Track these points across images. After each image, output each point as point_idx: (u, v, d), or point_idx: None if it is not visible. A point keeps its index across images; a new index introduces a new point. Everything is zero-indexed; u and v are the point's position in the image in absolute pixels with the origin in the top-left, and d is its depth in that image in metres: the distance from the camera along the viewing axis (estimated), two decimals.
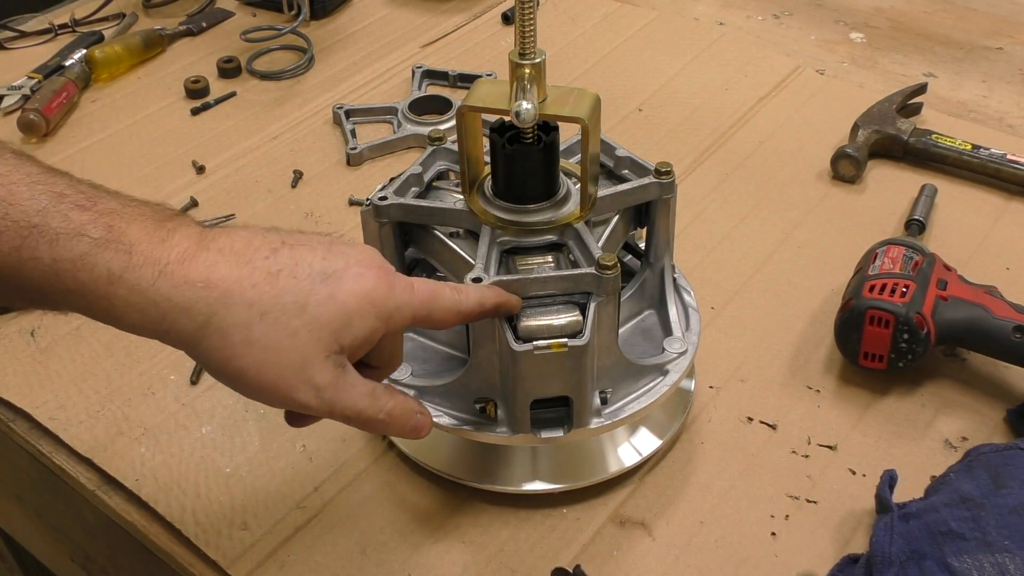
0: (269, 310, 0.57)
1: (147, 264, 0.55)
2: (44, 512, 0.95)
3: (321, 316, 0.58)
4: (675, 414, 0.80)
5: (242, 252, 0.58)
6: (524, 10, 0.65)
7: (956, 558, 0.65)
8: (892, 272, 0.83)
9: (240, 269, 0.57)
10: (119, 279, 0.55)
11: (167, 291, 0.55)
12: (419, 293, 0.63)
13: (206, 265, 0.57)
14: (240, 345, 0.57)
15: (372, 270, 0.61)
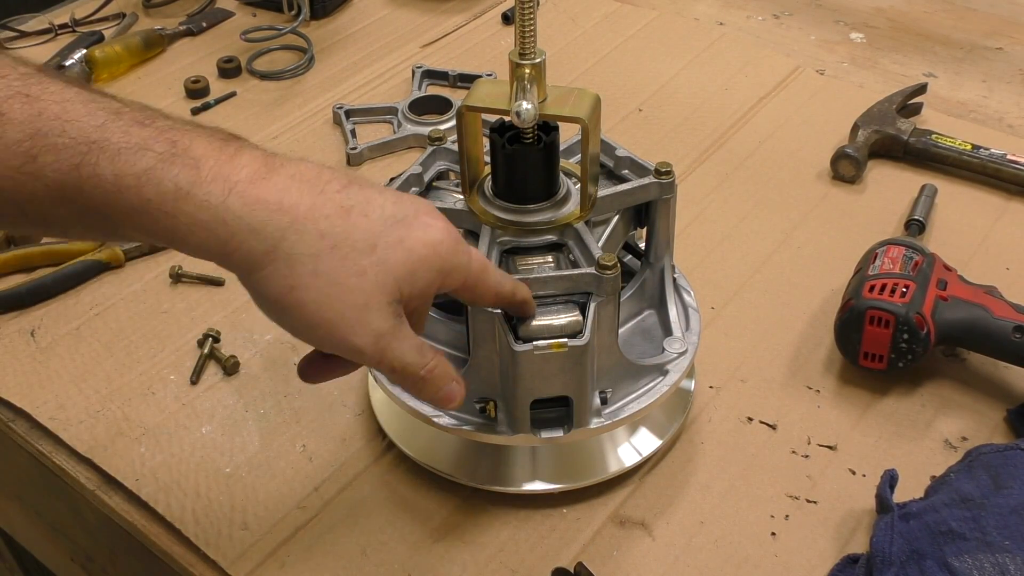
0: (339, 244, 0.55)
1: (216, 180, 0.53)
2: (44, 512, 0.95)
3: (389, 260, 0.57)
4: (675, 414, 0.80)
5: (314, 181, 0.56)
6: (524, 10, 0.65)
7: (956, 558, 0.65)
8: (892, 272, 0.83)
9: (314, 197, 0.55)
10: (187, 195, 0.53)
11: (238, 209, 0.53)
12: (475, 260, 0.62)
13: (278, 188, 0.55)
14: (306, 275, 0.55)
15: (440, 222, 0.60)
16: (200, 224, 0.53)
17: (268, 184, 0.55)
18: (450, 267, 0.60)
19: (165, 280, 0.97)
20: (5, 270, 0.97)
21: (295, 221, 0.55)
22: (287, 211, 0.54)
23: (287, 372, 0.87)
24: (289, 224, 0.54)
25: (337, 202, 0.56)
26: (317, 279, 0.55)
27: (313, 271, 0.55)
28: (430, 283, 0.59)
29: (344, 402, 0.84)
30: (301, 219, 0.55)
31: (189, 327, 0.91)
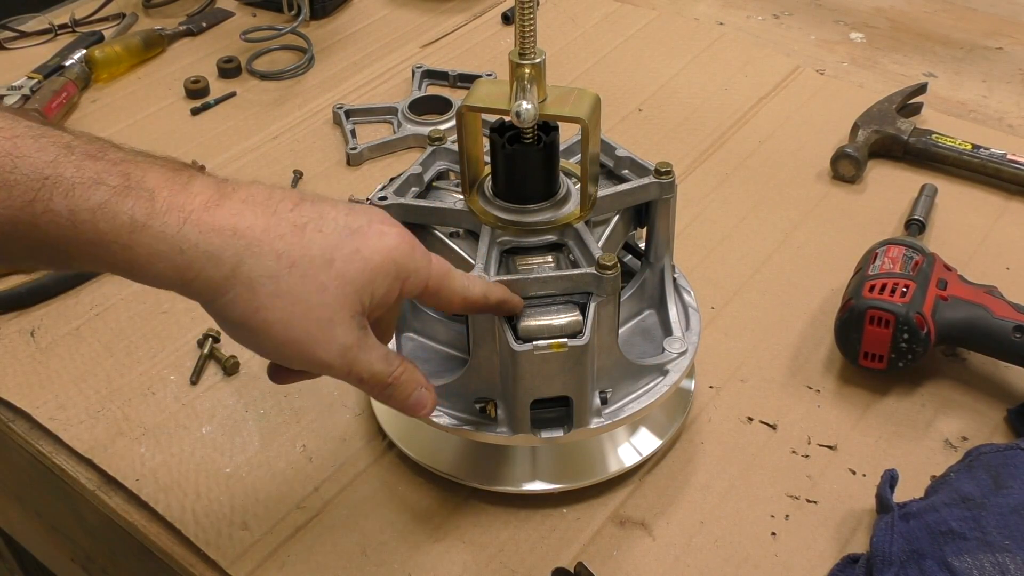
0: (297, 262, 0.56)
1: (171, 210, 0.54)
2: (44, 512, 0.95)
3: (347, 272, 0.57)
4: (675, 414, 0.80)
5: (265, 203, 0.57)
6: (524, 10, 0.65)
7: (956, 558, 0.65)
8: (892, 272, 0.83)
9: (267, 218, 0.56)
10: (143, 227, 0.53)
11: (194, 238, 0.54)
12: (435, 265, 0.62)
13: (232, 213, 0.55)
14: (268, 296, 0.55)
15: (394, 228, 0.60)
16: (157, 255, 0.53)
17: (221, 210, 0.55)
18: (407, 272, 0.60)
19: None
20: (5, 270, 0.97)
21: (251, 244, 0.55)
22: (242, 235, 0.55)
23: None
24: (245, 247, 0.55)
25: (291, 221, 0.57)
26: (279, 299, 0.55)
27: (274, 292, 0.55)
28: (389, 290, 0.59)
29: (344, 402, 0.84)
30: (257, 241, 0.55)
31: (189, 327, 0.91)
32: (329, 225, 0.58)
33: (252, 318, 0.56)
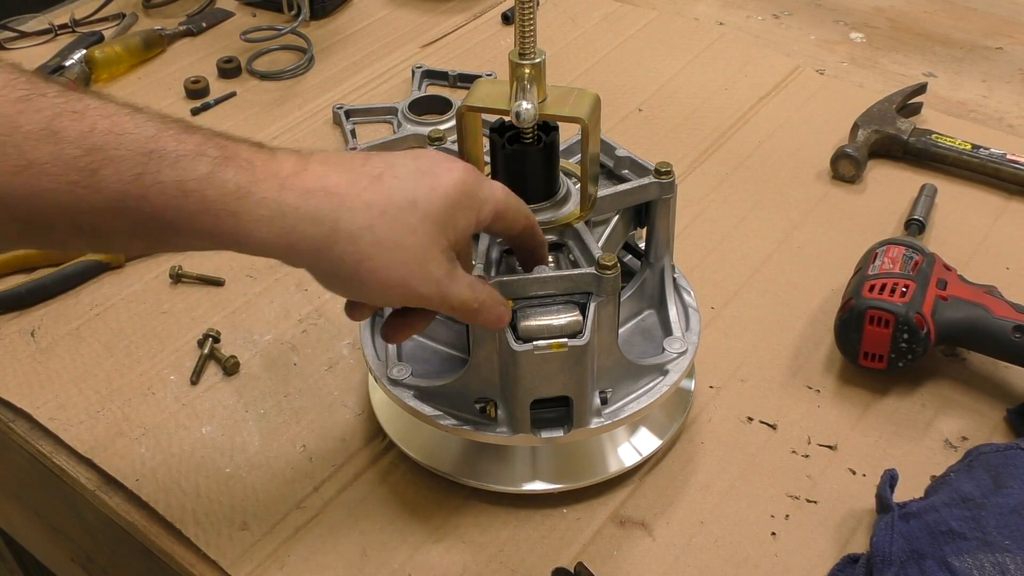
0: (386, 209, 0.59)
1: (268, 178, 0.57)
2: (44, 512, 0.95)
3: (431, 209, 0.60)
4: (675, 414, 0.80)
5: (340, 162, 0.60)
6: (524, 10, 0.65)
7: (956, 558, 0.65)
8: (892, 272, 0.83)
9: (348, 174, 0.59)
10: (247, 194, 0.56)
11: (293, 201, 0.57)
12: (497, 189, 0.65)
13: (318, 175, 0.58)
14: (370, 246, 0.58)
15: (459, 163, 0.64)
16: (262, 220, 0.56)
17: (309, 173, 0.58)
18: (480, 201, 0.64)
19: (165, 280, 0.97)
20: (5, 270, 0.97)
21: (343, 200, 0.58)
22: (333, 192, 0.58)
23: (287, 372, 0.87)
24: (339, 204, 0.58)
25: (367, 173, 0.60)
26: (379, 247, 0.59)
27: (373, 240, 0.59)
28: (468, 222, 0.63)
29: (344, 402, 0.84)
30: (347, 196, 0.58)
31: (189, 327, 0.91)
32: (401, 171, 0.61)
33: (359, 268, 0.59)
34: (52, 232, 0.55)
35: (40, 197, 0.52)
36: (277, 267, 0.98)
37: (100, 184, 0.52)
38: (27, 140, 0.51)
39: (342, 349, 0.89)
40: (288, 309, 0.93)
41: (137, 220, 0.54)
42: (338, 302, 0.93)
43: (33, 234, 0.55)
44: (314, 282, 0.95)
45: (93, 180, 0.52)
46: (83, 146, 0.52)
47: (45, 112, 0.52)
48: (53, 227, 0.54)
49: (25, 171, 0.51)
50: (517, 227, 0.67)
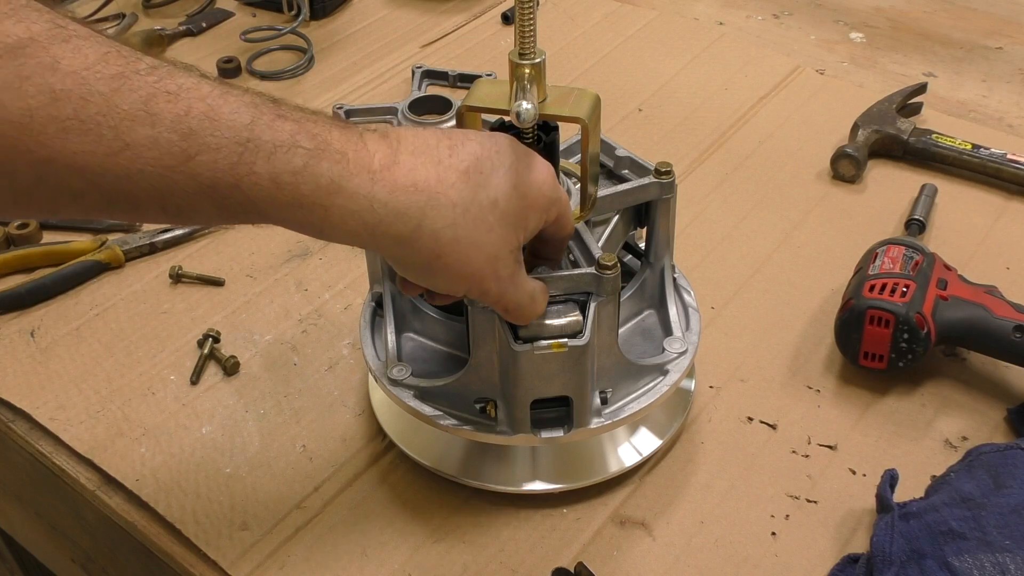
0: (469, 208, 0.60)
1: (360, 172, 0.57)
2: (44, 512, 0.95)
3: (509, 212, 0.62)
4: (675, 414, 0.80)
5: (428, 152, 0.60)
6: (524, 10, 0.65)
7: (957, 557, 0.65)
8: (892, 272, 0.83)
9: (436, 169, 0.60)
10: (339, 188, 0.56)
11: (383, 197, 0.57)
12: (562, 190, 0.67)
13: (408, 169, 0.59)
14: (449, 243, 0.60)
15: (539, 160, 0.65)
16: (351, 214, 0.57)
17: (399, 168, 0.58)
18: (551, 202, 0.65)
19: (165, 280, 0.97)
20: (5, 270, 0.97)
21: (430, 198, 0.59)
22: (421, 189, 0.59)
23: (287, 372, 0.87)
24: (426, 201, 0.59)
25: (455, 168, 0.60)
26: (458, 244, 0.60)
27: (454, 238, 0.60)
28: (538, 223, 0.65)
29: (344, 402, 0.84)
30: (435, 194, 0.59)
31: (189, 327, 0.91)
32: (487, 165, 0.61)
33: (434, 263, 0.60)
34: (136, 210, 0.54)
35: (132, 179, 0.51)
36: (277, 267, 0.98)
37: (194, 170, 0.52)
38: (123, 122, 0.51)
39: (342, 349, 0.89)
40: (288, 309, 0.93)
41: (227, 207, 0.54)
42: (338, 301, 0.93)
43: (116, 210, 0.54)
44: (314, 282, 0.96)
45: (187, 166, 0.52)
46: (179, 130, 0.52)
47: (140, 92, 0.51)
48: (139, 206, 0.54)
49: (121, 153, 0.51)
50: (565, 232, 0.68)
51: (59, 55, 0.49)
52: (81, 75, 0.50)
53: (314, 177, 0.55)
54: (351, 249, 0.99)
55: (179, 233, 1.01)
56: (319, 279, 0.96)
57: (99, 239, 1.00)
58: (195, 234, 1.01)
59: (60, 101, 0.49)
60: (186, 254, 1.00)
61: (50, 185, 0.51)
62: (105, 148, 0.50)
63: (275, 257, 0.99)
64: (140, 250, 0.99)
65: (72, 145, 0.50)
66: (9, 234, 1.00)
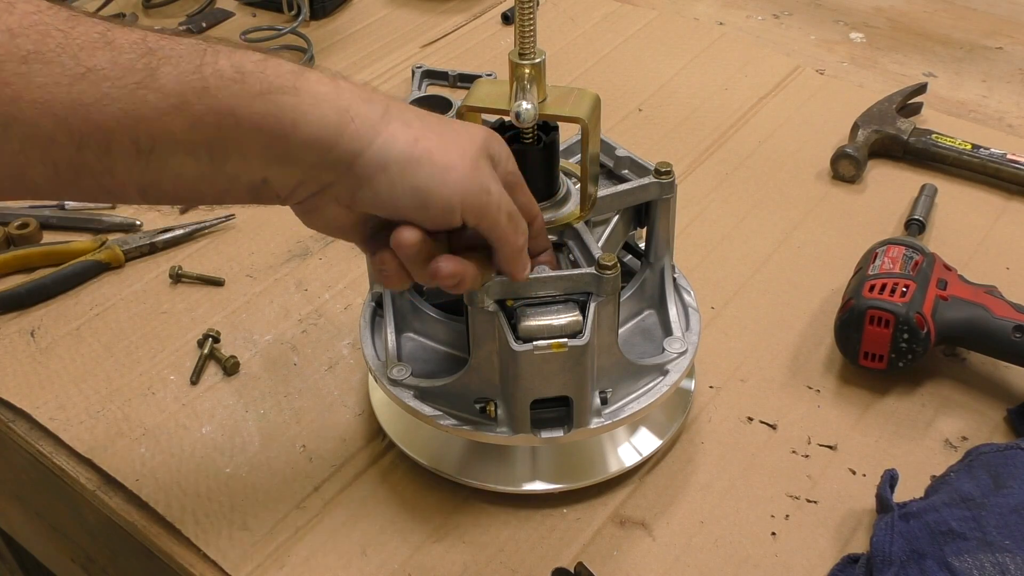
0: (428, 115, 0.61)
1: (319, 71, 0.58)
2: (44, 512, 0.95)
3: (469, 128, 0.63)
4: (675, 414, 0.80)
5: None
6: (524, 10, 0.65)
7: (957, 558, 0.65)
8: (892, 272, 0.83)
9: None
10: (303, 74, 0.57)
11: (346, 83, 0.58)
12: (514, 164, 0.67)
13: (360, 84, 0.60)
14: (422, 128, 0.59)
15: None
16: (321, 97, 0.56)
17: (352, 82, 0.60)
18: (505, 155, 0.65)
19: (165, 280, 0.97)
20: (5, 270, 0.97)
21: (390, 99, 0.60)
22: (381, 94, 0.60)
23: (287, 372, 0.87)
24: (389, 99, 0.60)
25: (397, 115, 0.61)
26: (431, 130, 0.60)
27: (425, 125, 0.60)
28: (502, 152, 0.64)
29: (344, 402, 0.84)
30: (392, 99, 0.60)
31: (189, 327, 0.91)
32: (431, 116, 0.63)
33: (414, 148, 0.58)
34: (109, 153, 0.54)
35: (99, 105, 0.52)
36: (277, 267, 0.98)
37: (159, 83, 0.53)
38: (83, 50, 0.52)
39: (342, 349, 0.89)
40: (288, 309, 0.93)
41: (193, 120, 0.54)
42: (338, 302, 0.93)
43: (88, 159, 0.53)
44: (314, 282, 0.96)
45: (152, 80, 0.53)
46: (137, 51, 0.53)
47: (96, 27, 0.53)
48: (110, 146, 0.53)
49: (84, 78, 0.51)
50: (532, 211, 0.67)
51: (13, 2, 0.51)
52: (37, 16, 0.51)
53: (276, 64, 0.56)
54: (351, 249, 0.99)
55: (179, 233, 1.01)
56: (319, 279, 0.96)
57: (99, 239, 1.00)
58: (195, 234, 1.01)
59: (19, 37, 0.51)
60: (186, 254, 1.00)
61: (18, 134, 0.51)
62: (68, 75, 0.51)
63: (275, 257, 0.99)
64: (140, 250, 0.99)
65: (36, 78, 0.51)
66: (9, 234, 1.00)
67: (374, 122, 0.58)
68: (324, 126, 0.57)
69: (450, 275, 0.63)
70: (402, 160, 0.58)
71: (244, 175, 0.58)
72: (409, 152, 0.58)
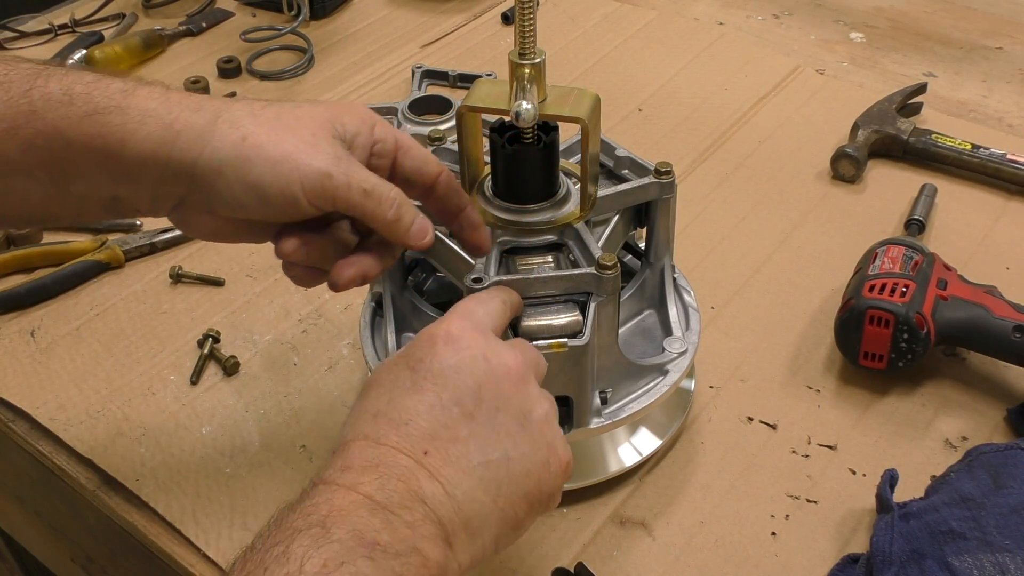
0: (267, 107, 0.61)
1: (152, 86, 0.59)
2: (44, 512, 0.95)
3: (314, 109, 0.62)
4: (675, 414, 0.80)
5: None
6: (524, 10, 0.65)
7: (956, 557, 0.65)
8: (892, 272, 0.83)
9: None
10: (133, 91, 0.58)
11: (176, 97, 0.59)
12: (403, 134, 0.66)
13: None
14: (252, 125, 0.59)
15: None
16: (148, 114, 0.57)
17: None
18: (373, 118, 0.64)
19: (165, 280, 0.97)
20: (5, 270, 0.97)
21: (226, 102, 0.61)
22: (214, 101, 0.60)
23: (287, 372, 0.87)
24: (222, 103, 0.60)
25: None
26: (262, 127, 0.59)
27: (256, 122, 0.59)
28: (359, 127, 0.63)
29: (344, 402, 0.84)
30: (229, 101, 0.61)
31: (189, 327, 0.91)
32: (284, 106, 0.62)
33: (242, 146, 0.58)
34: None
35: None
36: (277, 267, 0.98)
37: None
38: None
39: (342, 349, 0.89)
40: (288, 309, 0.93)
41: (27, 140, 0.55)
42: (338, 301, 0.93)
43: None
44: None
45: None
46: None
47: None
48: None
49: None
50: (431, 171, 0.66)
51: None
52: None
53: (106, 84, 0.57)
54: None
55: (179, 233, 1.01)
56: None
57: (99, 239, 1.00)
58: None
59: None
60: (186, 254, 1.00)
61: None
62: None
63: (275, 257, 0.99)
64: (140, 250, 0.99)
65: None
66: (9, 234, 1.00)
67: (201, 130, 0.58)
68: (153, 141, 0.57)
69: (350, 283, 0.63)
70: (233, 160, 0.58)
71: (92, 194, 0.59)
72: (237, 151, 0.58)
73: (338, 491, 0.51)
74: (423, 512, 0.52)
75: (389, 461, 0.53)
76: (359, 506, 0.51)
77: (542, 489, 0.59)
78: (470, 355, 0.58)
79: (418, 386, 0.57)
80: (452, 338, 0.59)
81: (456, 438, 0.56)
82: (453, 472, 0.54)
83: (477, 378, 0.58)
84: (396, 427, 0.55)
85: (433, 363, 0.58)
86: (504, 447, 0.57)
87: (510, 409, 0.58)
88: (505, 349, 0.60)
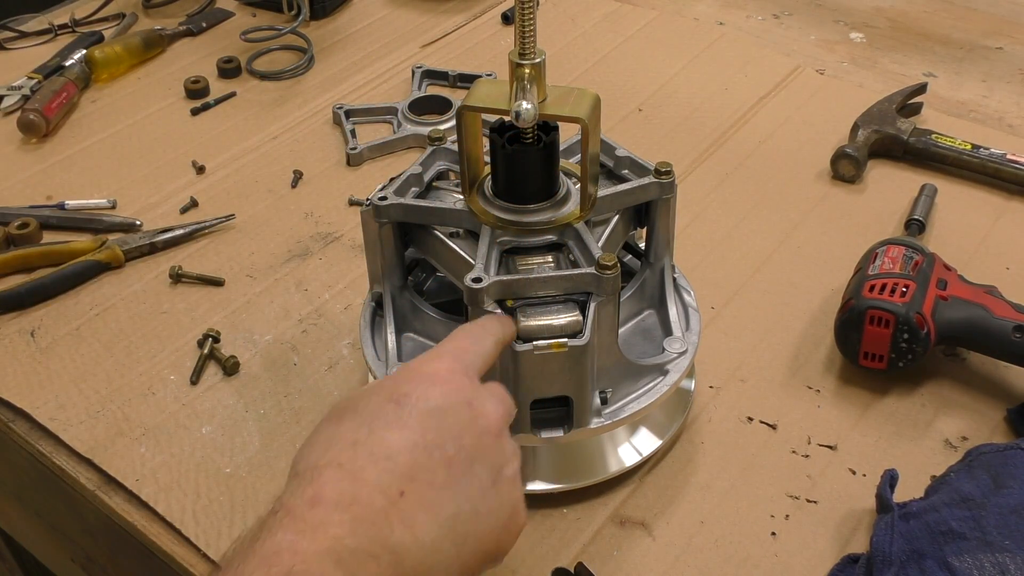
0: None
1: None
2: (44, 512, 0.95)
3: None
4: (675, 414, 0.80)
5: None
6: (524, 10, 0.65)
7: (956, 558, 0.65)
8: (892, 272, 0.83)
9: None
10: None
11: None
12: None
13: None
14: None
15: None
16: None
17: None
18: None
19: (165, 280, 0.97)
20: (5, 270, 0.97)
21: None
22: None
23: (287, 372, 0.87)
24: None
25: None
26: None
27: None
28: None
29: None
30: None
31: (189, 327, 0.91)
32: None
33: None
34: None
35: None
36: (277, 267, 0.98)
37: None
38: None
39: (342, 349, 0.89)
40: (288, 309, 0.93)
41: None
42: (338, 301, 0.93)
43: None
44: (314, 282, 0.97)
45: None
46: None
47: None
48: None
49: None
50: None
51: None
52: None
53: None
54: (351, 249, 0.99)
55: (179, 233, 1.01)
56: (319, 279, 0.96)
57: (99, 239, 1.00)
58: (195, 234, 1.01)
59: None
60: (186, 254, 1.00)
61: None
62: None
63: (275, 257, 0.99)
64: (140, 250, 0.99)
65: None
66: (9, 234, 1.00)
67: None
68: None
69: None
70: None
71: None
72: None
73: (304, 534, 0.51)
74: (389, 561, 0.51)
75: (364, 500, 0.52)
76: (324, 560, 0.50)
77: (500, 548, 0.58)
78: (456, 400, 0.57)
79: (403, 422, 0.55)
80: (441, 379, 0.58)
81: (433, 483, 0.54)
82: (426, 518, 0.53)
83: (461, 425, 0.57)
84: (375, 461, 0.54)
85: (419, 401, 0.56)
86: (475, 502, 0.56)
87: (486, 461, 0.57)
88: (489, 399, 0.59)
